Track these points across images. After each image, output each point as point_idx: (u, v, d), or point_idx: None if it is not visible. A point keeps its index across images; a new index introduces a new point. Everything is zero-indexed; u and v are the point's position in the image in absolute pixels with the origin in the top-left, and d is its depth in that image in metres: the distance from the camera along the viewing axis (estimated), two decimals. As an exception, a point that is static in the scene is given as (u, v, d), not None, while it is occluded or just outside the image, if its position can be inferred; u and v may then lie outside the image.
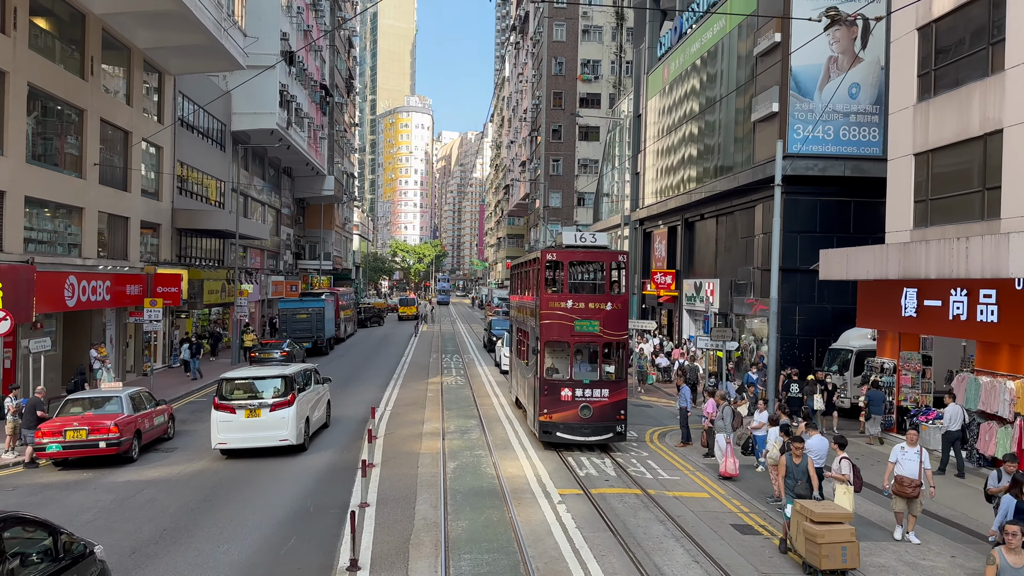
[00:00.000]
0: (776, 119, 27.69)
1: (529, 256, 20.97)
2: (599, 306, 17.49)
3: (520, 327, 21.42)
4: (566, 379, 17.32)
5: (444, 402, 24.18)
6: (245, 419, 16.78)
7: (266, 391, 17.34)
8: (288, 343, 35.01)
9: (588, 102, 68.31)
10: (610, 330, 17.50)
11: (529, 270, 19.95)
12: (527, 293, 20.03)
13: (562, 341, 17.46)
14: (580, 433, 17.13)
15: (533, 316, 18.36)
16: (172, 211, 34.17)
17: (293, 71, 46.62)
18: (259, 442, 16.92)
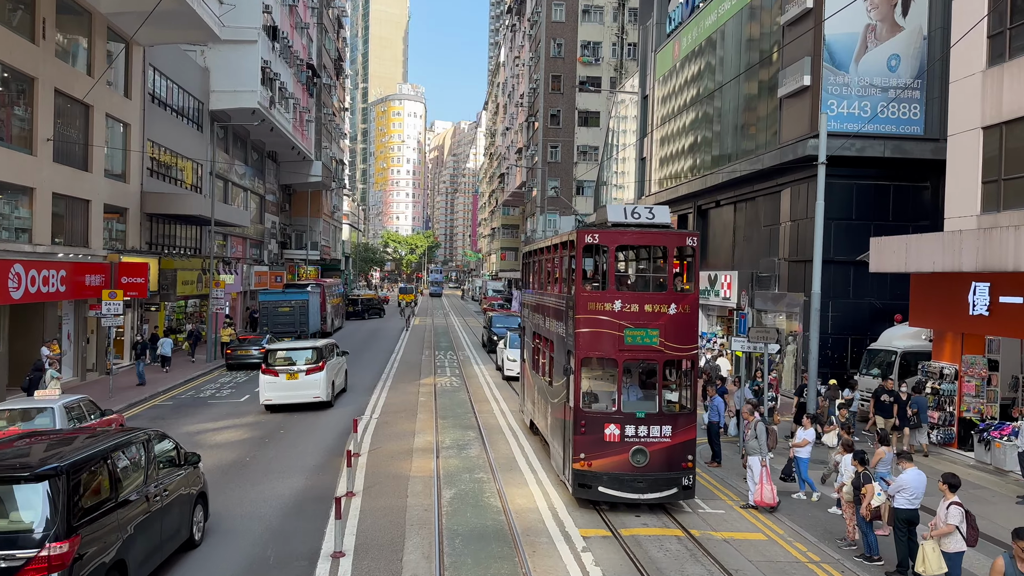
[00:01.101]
0: (807, 94, 24.99)
1: (555, 239, 15.15)
2: (659, 308, 12.42)
3: (539, 332, 16.50)
4: (612, 412, 12.40)
5: (438, 408, 21.47)
6: (287, 380, 21.49)
7: (301, 359, 21.86)
8: (268, 339, 32.22)
9: (588, 86, 65.43)
10: (674, 343, 12.40)
11: (554, 258, 15.06)
12: (551, 288, 15.22)
13: (607, 358, 12.64)
14: (632, 488, 12.14)
15: (561, 321, 13.68)
16: (141, 194, 31.29)
17: (276, 47, 43.66)
18: (297, 399, 21.59)
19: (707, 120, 34.02)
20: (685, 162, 36.22)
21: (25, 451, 8.86)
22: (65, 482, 7.84)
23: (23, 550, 7.42)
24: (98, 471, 8.64)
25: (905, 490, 9.98)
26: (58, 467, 7.90)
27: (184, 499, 10.65)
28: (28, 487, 7.79)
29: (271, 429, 19.04)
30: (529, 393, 18.11)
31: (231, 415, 20.89)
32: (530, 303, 18.37)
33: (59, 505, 7.69)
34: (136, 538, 8.98)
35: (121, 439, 9.58)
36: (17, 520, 7.72)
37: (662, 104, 40.87)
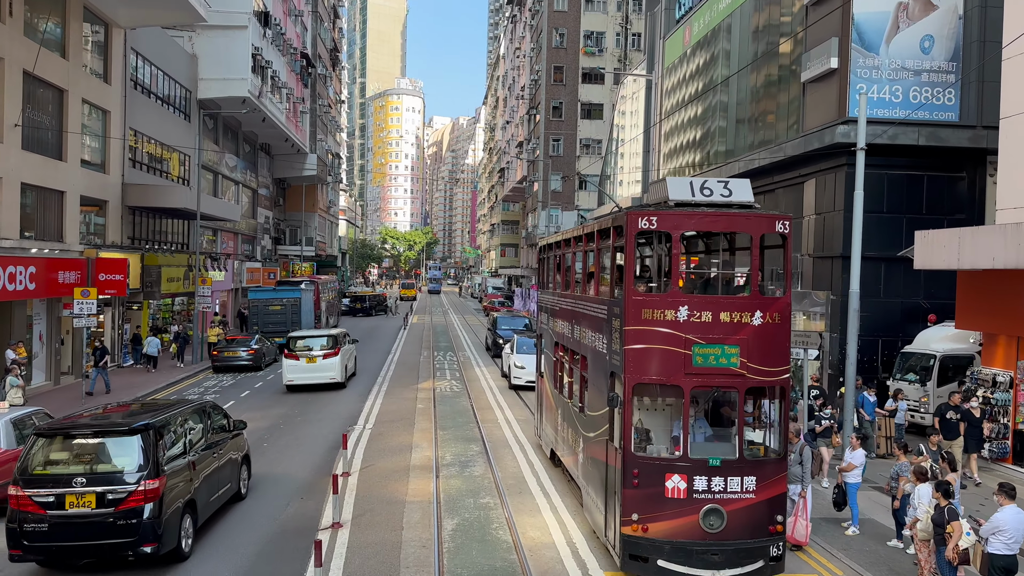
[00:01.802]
0: (834, 78, 23.23)
1: (590, 226, 11.97)
2: (740, 318, 9.35)
3: (565, 344, 13.50)
4: (675, 458, 9.41)
5: (437, 417, 19.75)
6: (307, 364, 24.48)
7: (318, 345, 24.97)
8: (257, 339, 30.49)
9: (591, 77, 63.63)
10: (760, 363, 9.35)
11: (589, 251, 11.91)
12: (585, 289, 12.10)
13: (668, 384, 9.56)
14: (704, 562, 9.15)
15: (601, 333, 10.67)
16: (123, 186, 29.50)
17: (268, 34, 41.85)
18: (315, 380, 24.56)
19: (720, 109, 32.29)
20: (696, 154, 34.48)
21: (118, 415, 11.28)
22: (153, 436, 10.11)
23: (124, 486, 9.73)
24: (174, 430, 10.94)
25: (1003, 532, 8.27)
26: (148, 423, 10.23)
27: (233, 459, 12.92)
28: (126, 439, 10.13)
29: (255, 441, 17.30)
30: (550, 416, 14.79)
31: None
32: (551, 307, 15.00)
33: (149, 453, 9.95)
34: (202, 486, 11.32)
35: (187, 407, 11.79)
36: (119, 464, 10.01)
37: (671, 93, 39.11)
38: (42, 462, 9.98)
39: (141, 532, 9.63)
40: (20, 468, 9.85)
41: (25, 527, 9.51)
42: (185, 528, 10.54)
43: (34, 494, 9.56)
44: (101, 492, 9.66)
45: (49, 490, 9.59)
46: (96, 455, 10.19)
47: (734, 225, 10.13)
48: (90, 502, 9.60)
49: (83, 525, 9.59)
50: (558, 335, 14.24)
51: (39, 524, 9.51)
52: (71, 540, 9.62)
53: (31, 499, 9.55)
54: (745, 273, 10.60)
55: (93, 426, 10.53)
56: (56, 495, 9.57)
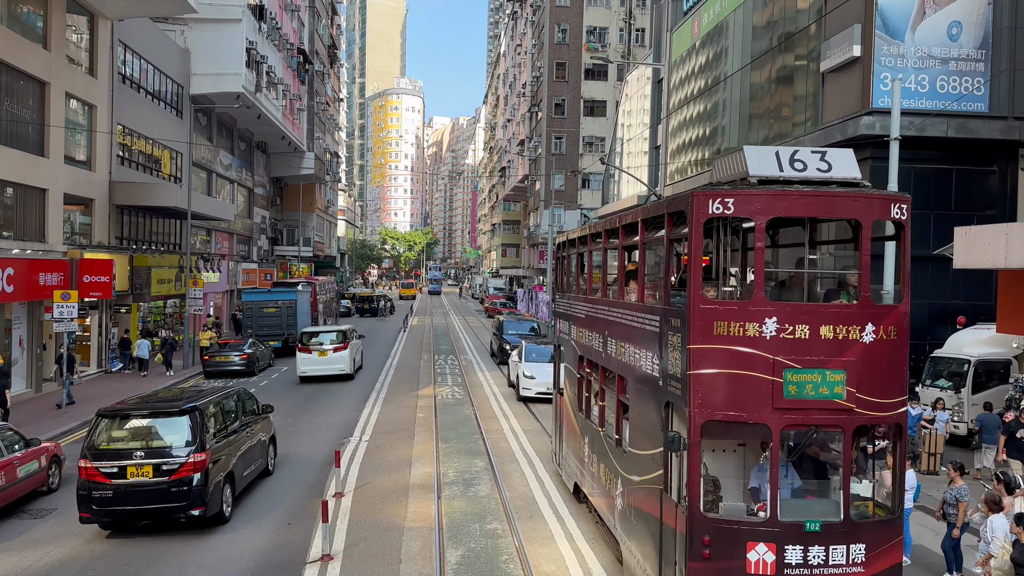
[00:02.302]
0: (856, 66, 22.03)
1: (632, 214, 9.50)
2: (846, 333, 7.26)
3: (595, 361, 11.18)
4: (760, 520, 7.31)
5: (439, 427, 18.51)
6: (318, 357, 26.44)
7: (329, 340, 27.02)
8: (250, 343, 29.25)
9: (594, 73, 62.44)
10: (871, 394, 7.27)
11: (630, 245, 9.80)
12: (624, 294, 9.85)
13: (751, 423, 7.34)
14: None
15: (650, 350, 8.50)
16: (110, 184, 28.30)
17: (264, 28, 40.65)
18: (326, 371, 26.49)
19: (731, 103, 31.09)
20: (705, 150, 33.27)
21: (166, 399, 13.08)
22: (199, 416, 11.60)
23: (176, 458, 11.18)
24: (215, 413, 12.43)
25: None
26: (194, 406, 11.69)
27: (262, 440, 14.52)
28: (177, 419, 11.61)
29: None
30: (574, 444, 12.46)
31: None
32: (574, 315, 12.65)
33: (196, 431, 11.43)
34: (238, 461, 12.84)
35: (225, 393, 13.39)
36: (171, 440, 11.45)
37: (678, 88, 37.91)
38: (106, 439, 11.52)
39: (191, 498, 11.22)
40: (88, 444, 11.40)
41: (93, 494, 11.07)
42: (226, 496, 12.16)
43: (100, 466, 11.14)
44: (157, 464, 11.23)
45: (113, 462, 11.18)
46: (151, 433, 11.74)
47: (836, 209, 7.62)
48: (148, 472, 11.18)
49: (142, 492, 11.16)
50: (584, 348, 11.92)
51: (105, 491, 11.07)
52: (132, 505, 11.18)
53: (98, 470, 11.11)
54: (847, 272, 8.29)
55: (148, 408, 12.12)
56: (119, 466, 11.14)
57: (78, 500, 11.14)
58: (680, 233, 7.96)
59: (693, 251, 7.35)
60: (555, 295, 14.90)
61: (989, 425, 14.91)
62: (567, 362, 13.38)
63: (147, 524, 11.62)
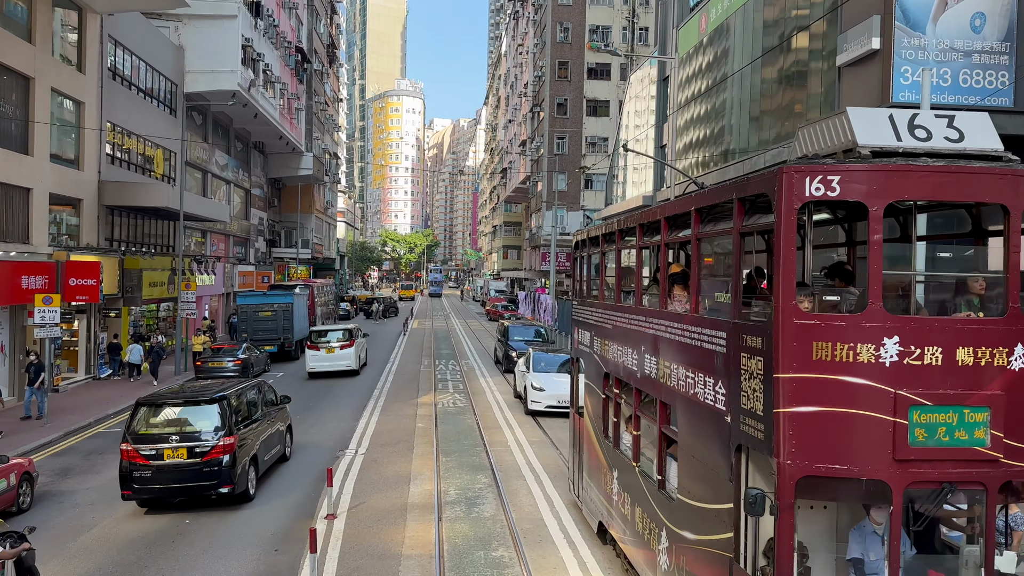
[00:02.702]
0: (876, 59, 21.07)
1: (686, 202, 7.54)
2: (989, 358, 5.44)
3: (629, 383, 9.28)
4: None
5: (439, 438, 17.55)
6: (326, 354, 28.05)
7: (335, 339, 28.49)
8: (245, 348, 28.29)
9: (597, 73, 61.52)
10: (1021, 440, 5.48)
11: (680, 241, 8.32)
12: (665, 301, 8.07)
13: (863, 479, 5.47)
14: None
15: (716, 376, 6.67)
16: (99, 184, 27.39)
17: (260, 25, 39.75)
18: (334, 367, 28.06)
19: (742, 100, 30.14)
20: (713, 149, 32.33)
21: (199, 388, 14.42)
22: (227, 404, 12.87)
23: (208, 442, 12.45)
24: (240, 402, 13.57)
25: None
26: (223, 395, 13.01)
27: (280, 429, 15.64)
28: (208, 407, 12.89)
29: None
30: (598, 478, 10.50)
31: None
32: (600, 325, 10.63)
33: (225, 417, 12.70)
34: (261, 446, 13.98)
35: (248, 384, 14.71)
36: (203, 426, 12.66)
37: (685, 85, 36.97)
38: (145, 425, 12.74)
39: (221, 477, 12.41)
40: (129, 429, 12.59)
41: (134, 474, 12.28)
42: (251, 477, 13.38)
43: (140, 448, 12.33)
44: (191, 446, 12.41)
45: (151, 445, 12.37)
46: (186, 419, 12.92)
47: (976, 190, 5.70)
48: (182, 454, 12.39)
49: (177, 472, 12.37)
50: (611, 364, 9.96)
51: (144, 471, 12.26)
52: (168, 483, 12.40)
53: (138, 452, 12.29)
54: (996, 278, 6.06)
55: (182, 397, 13.49)
56: (157, 449, 12.34)
57: (120, 479, 12.43)
58: (757, 224, 6.21)
59: (783, 247, 5.52)
60: (572, 301, 13.07)
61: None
62: (589, 378, 11.38)
63: (182, 501, 12.85)
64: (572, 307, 13.00)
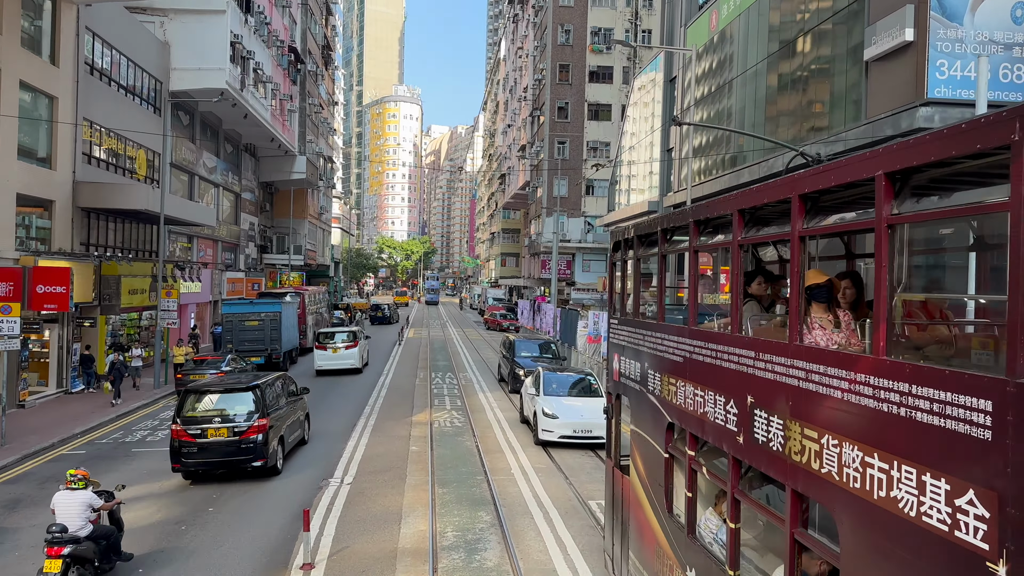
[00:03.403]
0: (909, 53, 19.50)
1: (882, 155, 4.14)
2: None
3: (729, 450, 5.96)
4: None
5: (435, 464, 15.85)
6: (332, 353, 30.45)
7: (341, 340, 31.02)
8: (229, 359, 26.55)
9: (599, 76, 60.01)
10: None
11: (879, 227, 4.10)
12: (803, 332, 5.02)
13: None
14: None
15: (974, 496, 3.37)
16: (74, 184, 25.71)
17: (251, 21, 38.15)
18: (339, 366, 30.49)
19: (756, 100, 28.59)
20: (726, 151, 30.75)
21: (236, 378, 17.88)
22: (260, 392, 15.10)
23: (245, 423, 14.60)
24: (270, 390, 15.84)
25: None
26: (256, 384, 15.32)
27: (300, 417, 17.70)
28: (244, 393, 15.13)
29: (195, 506, 13.44)
30: (655, 566, 7.77)
31: (152, 476, 15.24)
32: (659, 354, 7.80)
33: (259, 402, 14.90)
34: (286, 429, 16.28)
35: (275, 376, 16.89)
36: (240, 409, 14.83)
37: (694, 86, 35.43)
38: (192, 408, 14.72)
39: (255, 452, 14.37)
40: (178, 413, 14.54)
41: (182, 450, 14.20)
42: (279, 454, 15.41)
43: (187, 428, 14.23)
44: (230, 426, 14.39)
45: (197, 426, 14.32)
46: (225, 404, 14.91)
47: None
48: (223, 433, 14.34)
49: (218, 448, 14.30)
50: (684, 415, 7.01)
51: (191, 448, 14.20)
52: (210, 458, 14.34)
53: (186, 431, 14.22)
54: None
55: (223, 385, 15.64)
56: (201, 428, 14.28)
57: (170, 455, 14.37)
58: None
59: None
60: (611, 318, 10.35)
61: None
62: (638, 424, 8.63)
63: (222, 473, 14.73)
64: (610, 327, 10.29)
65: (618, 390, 9.66)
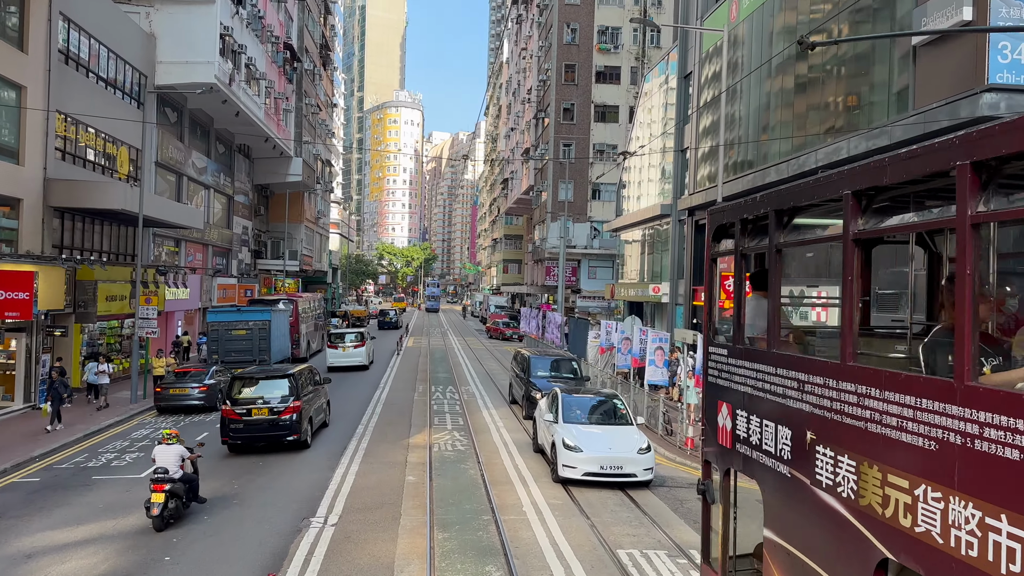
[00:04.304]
0: (965, 35, 17.45)
1: None
2: None
3: None
4: None
5: (435, 499, 13.75)
6: (343, 352, 34.41)
7: (350, 339, 35.07)
8: (214, 371, 24.52)
9: (606, 76, 58.08)
10: None
11: None
12: None
13: None
14: None
15: None
16: (45, 181, 23.70)
17: (243, 14, 36.23)
18: (349, 363, 34.13)
19: (783, 94, 26.58)
20: (750, 151, 28.71)
21: (273, 368, 21.10)
22: (294, 379, 18.08)
23: (282, 404, 17.56)
24: (302, 378, 18.69)
25: None
26: (290, 373, 18.41)
27: (321, 403, 20.69)
28: (282, 380, 18.09)
29: (150, 554, 11.37)
30: None
31: (108, 512, 13.15)
32: (874, 427, 4.45)
33: (293, 388, 17.84)
34: (314, 411, 19.28)
35: (304, 367, 20.26)
36: (279, 393, 17.76)
37: (711, 83, 33.44)
38: (239, 391, 17.96)
39: (290, 428, 17.61)
40: (227, 394, 17.91)
41: (230, 426, 17.49)
42: (308, 432, 18.48)
43: (235, 408, 17.53)
44: (271, 407, 17.59)
45: (243, 406, 17.55)
46: (267, 388, 18.00)
47: None
48: (264, 412, 17.55)
49: (261, 425, 17.51)
50: (927, 555, 3.95)
51: (237, 424, 17.47)
52: (254, 433, 17.53)
53: (233, 411, 17.48)
54: None
55: (264, 374, 18.93)
56: (247, 408, 17.52)
57: (220, 430, 17.51)
58: None
59: None
60: (709, 342, 7.37)
61: None
62: (785, 535, 5.55)
63: (263, 446, 17.52)
64: (710, 358, 7.22)
65: (730, 463, 6.61)
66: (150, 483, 12.13)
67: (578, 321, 38.96)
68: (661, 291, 37.87)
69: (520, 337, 56.63)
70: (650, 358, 21.89)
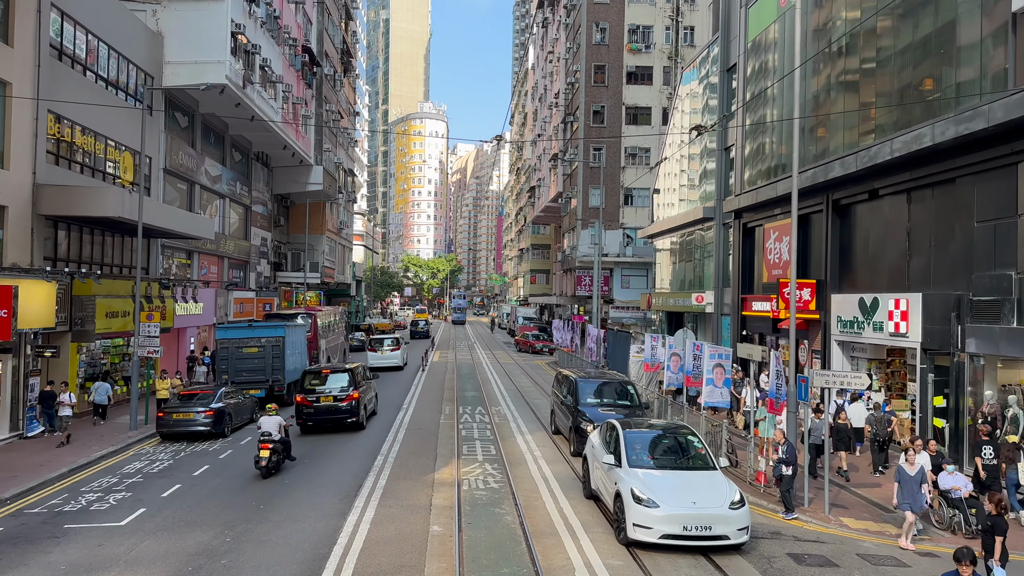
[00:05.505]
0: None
1: None
2: None
3: None
4: None
5: (464, 559, 11.21)
6: (381, 355, 41.47)
7: (387, 344, 42.42)
8: (222, 394, 22.28)
9: (637, 77, 55.55)
10: None
11: None
12: None
13: None
14: None
15: None
16: (34, 187, 21.65)
17: (257, 13, 34.24)
18: (386, 363, 40.89)
19: (845, 83, 23.89)
20: (810, 146, 25.96)
21: (338, 364, 28.28)
22: (352, 374, 22.66)
23: (344, 392, 22.14)
24: (358, 373, 23.34)
25: None
26: (350, 368, 23.21)
27: (373, 393, 25.50)
28: (344, 373, 22.67)
29: None
30: None
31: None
32: None
33: (353, 379, 22.53)
34: (368, 400, 23.98)
35: (357, 364, 24.75)
36: (341, 383, 22.36)
37: (758, 76, 30.78)
38: (309, 383, 22.39)
39: (351, 412, 21.97)
40: (301, 386, 22.58)
41: (303, 411, 21.88)
42: (365, 416, 23.07)
43: (307, 396, 21.97)
44: (336, 395, 21.97)
45: (313, 394, 22.01)
46: (332, 379, 22.39)
47: None
48: (330, 400, 21.95)
49: (327, 410, 21.93)
50: None
51: (309, 410, 21.90)
52: (322, 416, 21.93)
53: (306, 398, 21.95)
54: None
55: (332, 368, 23.45)
56: (316, 396, 21.95)
57: (295, 414, 21.97)
58: None
59: None
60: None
61: None
62: None
63: (328, 427, 22.18)
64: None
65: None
66: (258, 443, 16.71)
67: (617, 334, 36.33)
68: (705, 300, 35.15)
69: (551, 351, 54.03)
70: (707, 376, 19.25)
